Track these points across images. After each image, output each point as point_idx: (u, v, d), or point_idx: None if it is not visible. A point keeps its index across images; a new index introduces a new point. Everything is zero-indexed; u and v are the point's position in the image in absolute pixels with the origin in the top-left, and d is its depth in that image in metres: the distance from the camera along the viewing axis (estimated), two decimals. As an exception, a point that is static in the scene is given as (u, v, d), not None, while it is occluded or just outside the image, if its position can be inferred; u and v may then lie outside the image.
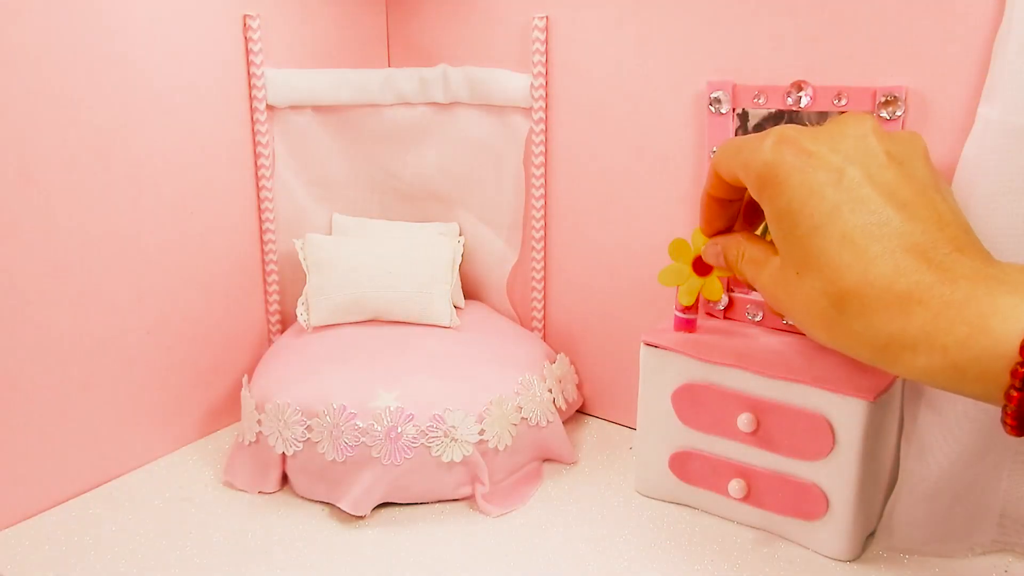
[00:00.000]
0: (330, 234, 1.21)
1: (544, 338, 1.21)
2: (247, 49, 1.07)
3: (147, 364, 1.04)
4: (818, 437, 0.85)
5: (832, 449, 0.85)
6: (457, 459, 0.94)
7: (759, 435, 0.89)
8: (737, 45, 0.96)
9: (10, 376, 0.91)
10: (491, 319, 1.18)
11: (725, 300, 1.02)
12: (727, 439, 0.92)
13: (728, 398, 0.90)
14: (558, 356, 1.13)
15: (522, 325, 1.22)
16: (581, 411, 1.20)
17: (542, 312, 1.19)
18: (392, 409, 0.93)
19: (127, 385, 1.02)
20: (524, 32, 1.10)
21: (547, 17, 1.07)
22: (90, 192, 0.95)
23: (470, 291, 1.26)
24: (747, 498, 0.92)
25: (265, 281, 1.16)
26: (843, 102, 0.90)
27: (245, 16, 1.06)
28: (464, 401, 0.96)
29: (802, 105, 0.93)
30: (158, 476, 1.03)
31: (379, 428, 0.93)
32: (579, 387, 1.18)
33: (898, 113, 0.87)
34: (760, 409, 0.89)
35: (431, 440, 0.94)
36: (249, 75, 1.08)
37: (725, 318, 1.03)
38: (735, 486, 0.92)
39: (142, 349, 1.03)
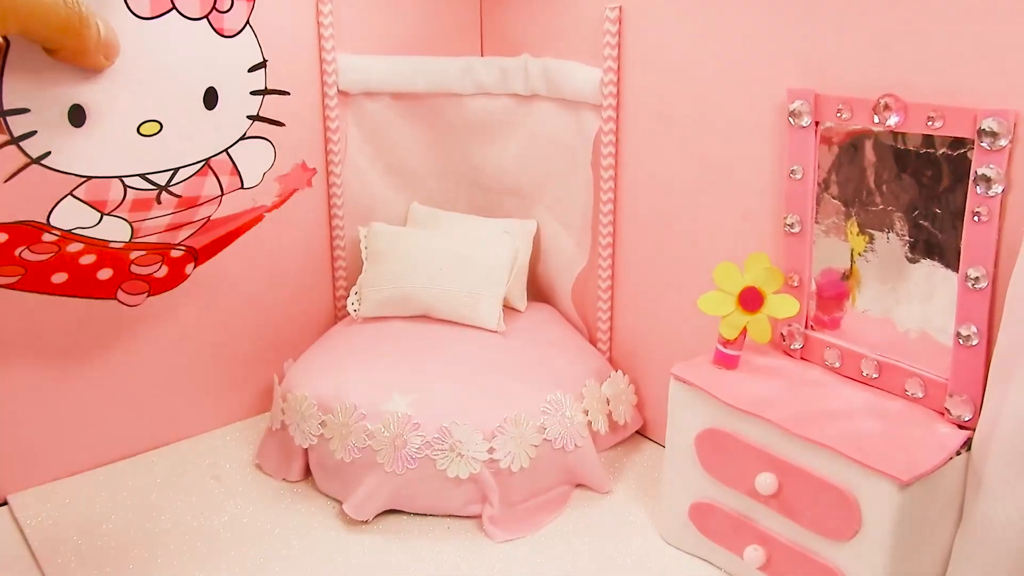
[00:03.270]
0: (405, 223, 1.19)
1: (610, 352, 1.13)
2: (319, 34, 1.06)
3: (201, 339, 1.07)
4: (842, 515, 0.73)
5: (858, 532, 0.73)
6: (463, 475, 0.90)
7: (781, 499, 0.78)
8: (824, 46, 0.83)
9: (66, 342, 0.96)
10: (548, 327, 1.12)
11: (800, 343, 0.90)
12: (747, 497, 0.81)
13: (750, 452, 0.80)
14: (613, 374, 1.05)
15: (589, 335, 1.14)
16: (643, 434, 1.12)
17: (608, 324, 1.11)
18: (400, 416, 0.90)
19: (178, 357, 1.06)
20: (598, 23, 1.01)
21: (620, 7, 0.98)
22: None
23: (543, 293, 1.20)
24: (766, 568, 0.81)
25: (333, 267, 1.16)
26: (938, 124, 0.76)
27: (318, 1, 1.05)
28: (476, 415, 0.91)
29: (889, 124, 0.79)
30: (198, 450, 1.07)
31: (386, 433, 0.90)
32: (639, 408, 1.10)
33: (1002, 143, 0.72)
34: (783, 471, 0.77)
35: (436, 452, 0.90)
36: (321, 60, 1.07)
37: (801, 359, 0.91)
38: (752, 554, 0.81)
39: (198, 326, 1.06)
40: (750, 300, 0.86)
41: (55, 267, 0.80)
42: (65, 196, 0.71)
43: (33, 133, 0.67)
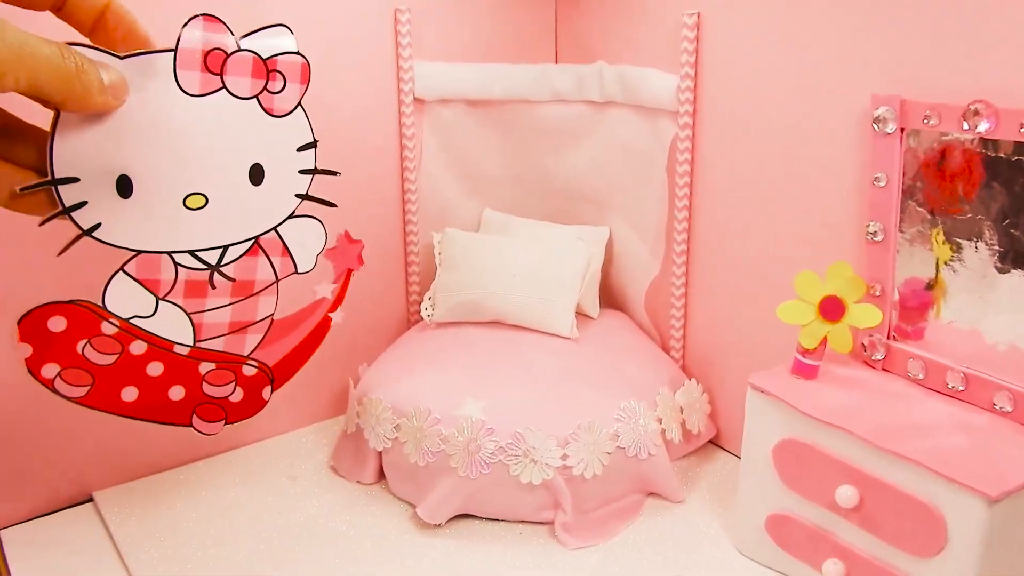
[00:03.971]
0: (478, 229, 1.20)
1: (683, 360, 1.12)
2: (396, 42, 1.07)
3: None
4: (927, 530, 0.71)
5: (943, 548, 0.71)
6: (536, 481, 0.90)
7: (862, 514, 0.76)
8: (910, 52, 0.81)
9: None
10: (621, 334, 1.11)
11: (882, 353, 0.88)
12: (827, 510, 0.80)
13: (830, 464, 0.78)
14: (687, 382, 1.04)
15: (662, 343, 1.14)
16: (717, 444, 1.10)
17: (681, 332, 1.10)
18: (474, 420, 0.91)
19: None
20: (675, 29, 1.01)
21: (698, 13, 0.98)
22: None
23: (616, 300, 1.20)
24: (846, 583, 0.80)
25: (407, 272, 1.17)
26: (1031, 130, 0.74)
27: (396, 10, 1.06)
28: (549, 422, 0.91)
29: (979, 131, 0.77)
30: (276, 450, 1.09)
31: (460, 438, 0.91)
32: (712, 417, 1.08)
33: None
34: (865, 484, 0.76)
35: (510, 458, 0.90)
36: (398, 68, 1.09)
37: (883, 370, 0.89)
38: (831, 568, 0.79)
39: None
40: (831, 309, 0.84)
41: (123, 378, 0.79)
42: (117, 272, 0.72)
43: (83, 204, 0.66)
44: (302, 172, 0.77)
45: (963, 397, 0.81)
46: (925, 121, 0.81)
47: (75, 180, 0.65)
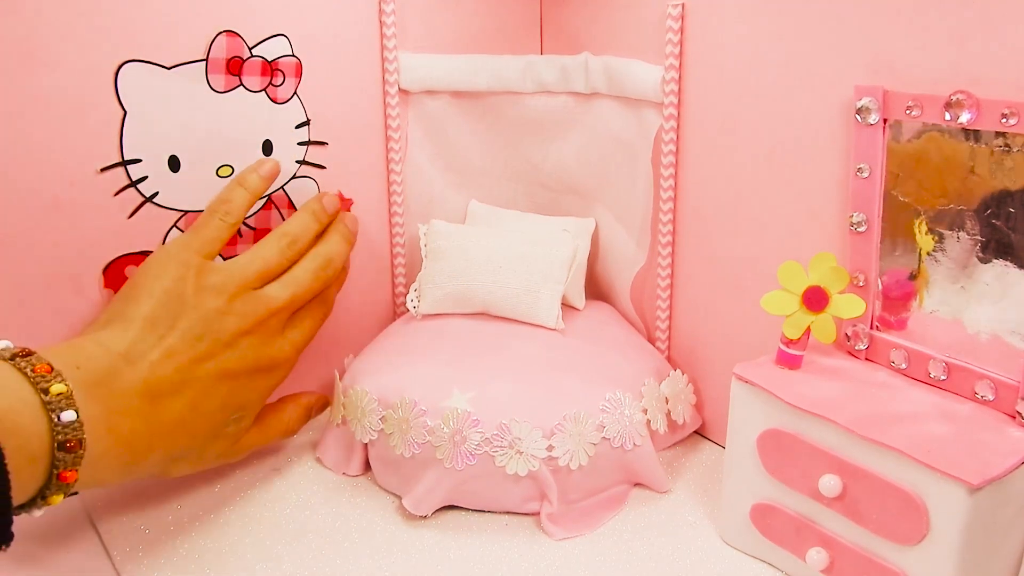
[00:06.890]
0: (464, 221, 1.20)
1: (668, 351, 1.12)
2: (381, 33, 1.07)
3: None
4: (909, 518, 0.72)
5: (925, 536, 0.71)
6: (522, 472, 0.90)
7: (845, 502, 0.77)
8: (893, 43, 0.82)
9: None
10: (607, 326, 1.11)
11: (865, 343, 0.88)
12: (811, 499, 0.80)
13: (814, 453, 0.79)
14: (672, 373, 1.05)
15: (648, 334, 1.14)
16: (702, 434, 1.11)
17: (667, 323, 1.11)
18: (459, 412, 0.91)
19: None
20: (660, 21, 1.01)
21: (683, 5, 0.98)
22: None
23: (601, 292, 1.20)
24: (829, 571, 0.80)
25: (392, 264, 1.17)
26: (1012, 121, 0.74)
27: (380, 0, 1.06)
28: (535, 413, 0.91)
29: (961, 121, 0.77)
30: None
31: (446, 429, 0.91)
32: (698, 408, 1.09)
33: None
34: (847, 473, 0.76)
35: (495, 449, 0.90)
36: (383, 59, 1.08)
37: (866, 360, 0.89)
38: (814, 556, 0.80)
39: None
40: (814, 300, 0.85)
41: None
42: (171, 228, 0.96)
43: (145, 178, 0.92)
44: (300, 144, 1.03)
45: (945, 386, 0.82)
46: (908, 112, 0.81)
47: (138, 161, 0.91)
